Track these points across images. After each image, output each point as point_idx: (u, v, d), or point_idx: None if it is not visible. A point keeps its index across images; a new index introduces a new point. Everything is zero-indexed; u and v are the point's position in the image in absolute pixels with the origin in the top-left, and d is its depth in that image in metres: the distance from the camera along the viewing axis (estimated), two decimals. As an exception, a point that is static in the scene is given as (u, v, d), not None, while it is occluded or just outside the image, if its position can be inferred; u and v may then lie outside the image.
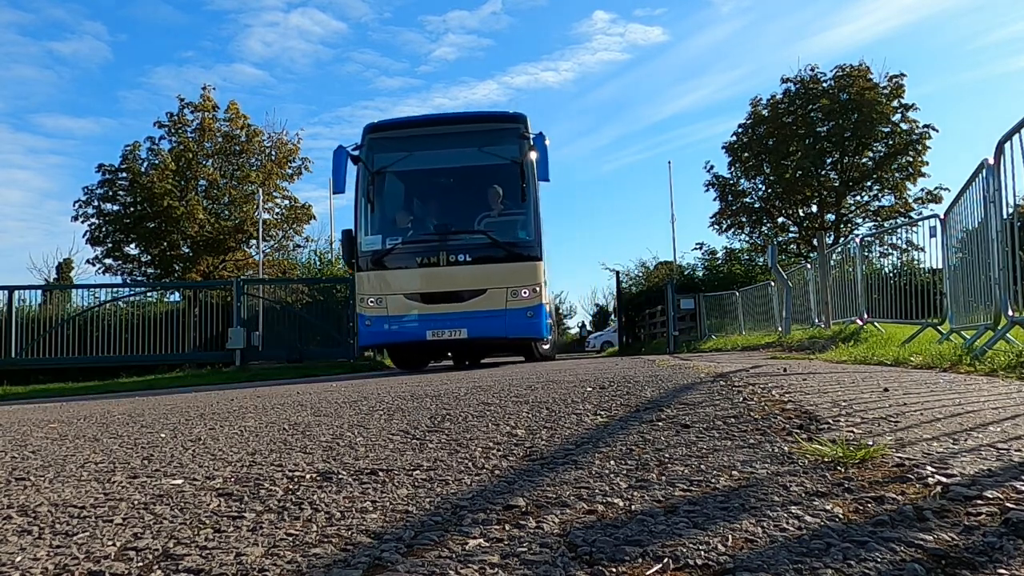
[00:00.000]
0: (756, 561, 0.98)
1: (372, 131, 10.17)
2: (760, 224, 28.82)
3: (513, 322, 9.52)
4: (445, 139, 10.34)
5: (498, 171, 9.83)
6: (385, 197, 10.22)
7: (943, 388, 2.83)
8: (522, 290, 9.55)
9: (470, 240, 9.72)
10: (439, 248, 9.60)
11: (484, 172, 10.13)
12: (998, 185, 4.73)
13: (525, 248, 9.75)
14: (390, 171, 10.11)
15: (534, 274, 9.64)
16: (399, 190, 10.55)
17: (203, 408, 4.03)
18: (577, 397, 3.19)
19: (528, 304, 9.59)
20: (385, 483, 1.63)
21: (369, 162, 9.94)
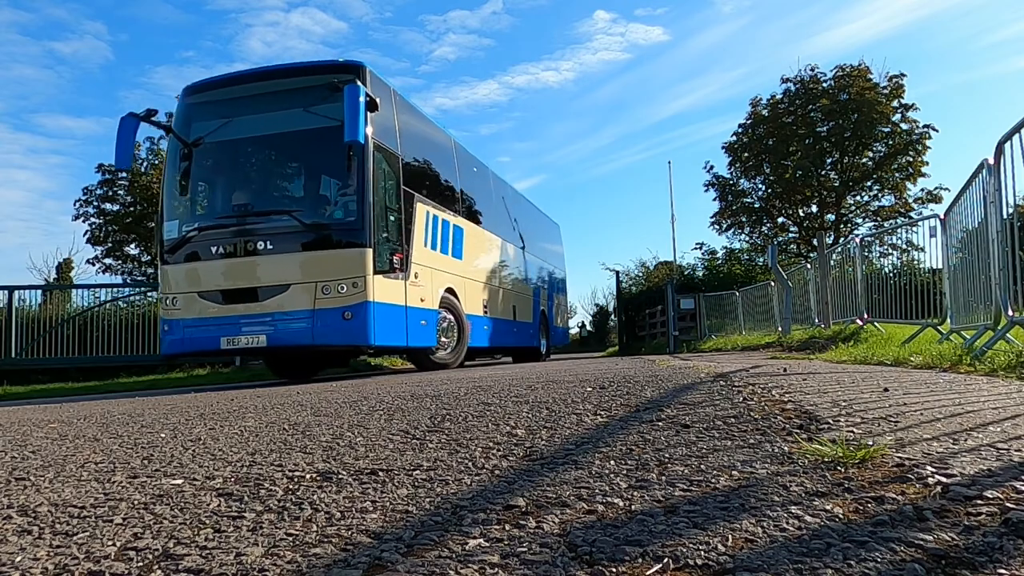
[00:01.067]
0: (756, 561, 0.98)
1: (190, 93, 8.42)
2: (760, 224, 28.84)
3: (324, 326, 7.54)
4: (268, 100, 8.28)
5: (323, 136, 7.84)
6: (195, 174, 8.34)
7: (943, 388, 2.83)
8: (339, 284, 7.56)
9: (273, 223, 7.80)
10: (237, 235, 7.78)
11: (306, 138, 8.18)
12: (998, 185, 4.73)
13: (344, 231, 7.73)
14: (206, 142, 8.21)
15: (357, 264, 7.61)
16: (212, 164, 8.53)
17: (203, 408, 4.03)
18: (577, 397, 3.19)
19: (345, 303, 7.56)
20: (385, 483, 1.63)
21: (184, 132, 8.21)
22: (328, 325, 7.53)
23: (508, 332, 13.21)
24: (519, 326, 14.00)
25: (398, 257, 8.35)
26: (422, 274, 8.98)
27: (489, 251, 12.47)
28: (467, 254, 10.97)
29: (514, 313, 13.58)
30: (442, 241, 9.93)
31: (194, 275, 7.89)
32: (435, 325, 9.35)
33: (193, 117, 8.35)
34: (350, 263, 7.63)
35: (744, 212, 28.69)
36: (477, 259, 11.60)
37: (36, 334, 14.21)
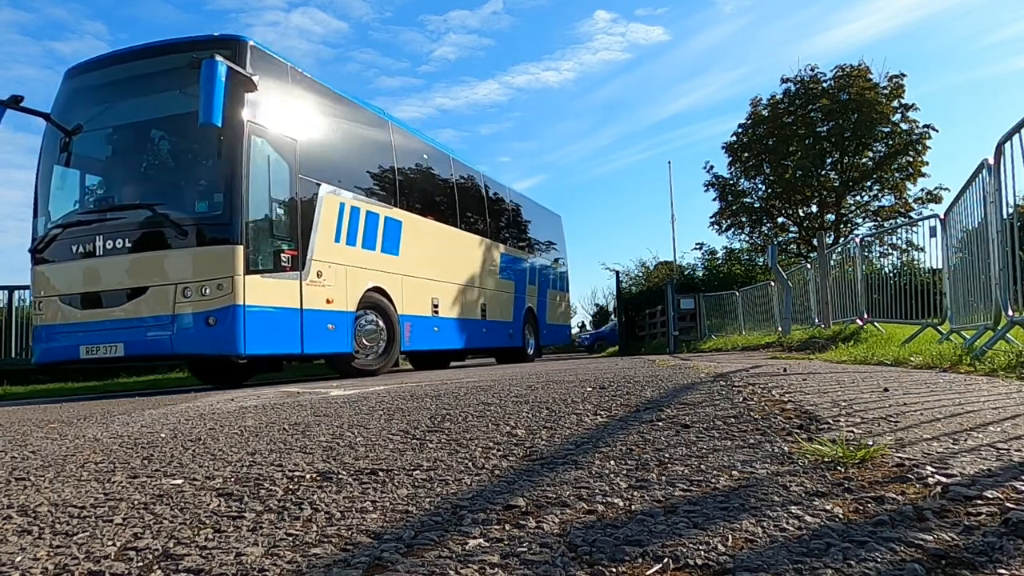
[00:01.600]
0: (756, 561, 0.98)
1: (69, 77, 7.73)
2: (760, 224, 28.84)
3: (185, 333, 6.76)
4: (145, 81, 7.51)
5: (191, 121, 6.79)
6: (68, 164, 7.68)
7: (943, 388, 2.83)
8: (202, 287, 6.76)
9: (134, 219, 7.02)
10: (96, 232, 7.04)
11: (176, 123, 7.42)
12: (998, 185, 4.73)
13: (209, 227, 6.89)
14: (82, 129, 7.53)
15: (222, 263, 6.77)
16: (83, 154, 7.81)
17: (203, 408, 4.03)
18: (577, 397, 3.19)
19: (209, 307, 6.73)
20: (385, 483, 1.63)
21: (63, 118, 7.51)
22: (189, 332, 6.76)
23: (474, 332, 12.30)
24: (492, 325, 13.07)
25: (289, 255, 7.50)
26: (330, 272, 8.16)
27: (443, 245, 11.40)
28: (407, 249, 10.00)
29: (483, 311, 12.63)
30: (366, 235, 9.03)
31: (56, 277, 7.28)
32: (349, 328, 8.48)
33: (71, 103, 7.65)
34: (215, 262, 6.80)
35: (744, 212, 28.69)
36: (423, 254, 10.57)
37: (36, 334, 14.18)
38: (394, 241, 9.75)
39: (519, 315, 14.53)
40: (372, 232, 9.21)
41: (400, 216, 9.93)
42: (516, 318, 14.37)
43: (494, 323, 13.22)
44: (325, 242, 8.15)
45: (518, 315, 14.48)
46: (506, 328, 13.83)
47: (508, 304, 14.01)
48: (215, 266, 6.81)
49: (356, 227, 8.86)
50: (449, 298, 11.35)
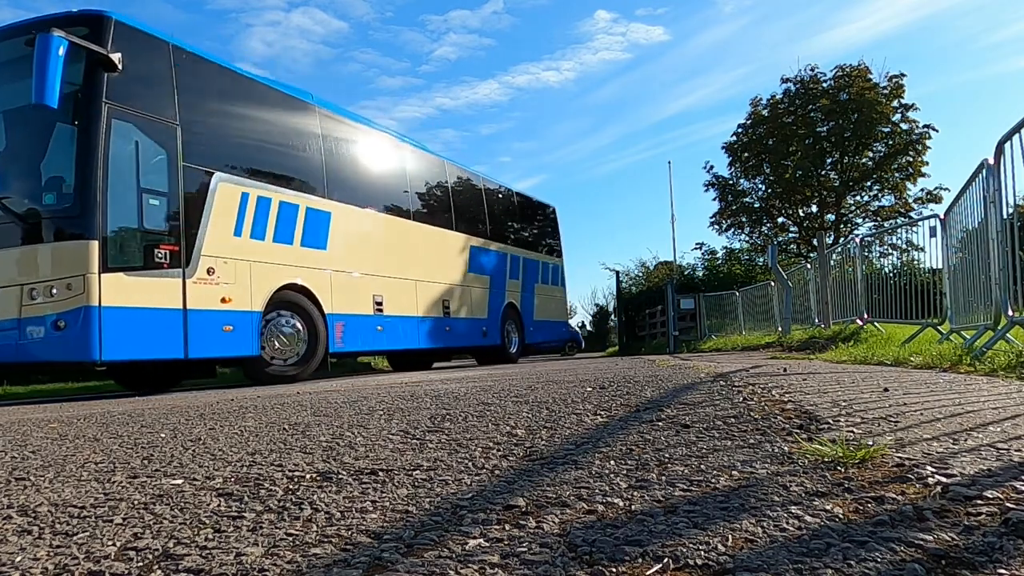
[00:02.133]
0: (756, 561, 0.98)
1: None
2: (760, 224, 28.87)
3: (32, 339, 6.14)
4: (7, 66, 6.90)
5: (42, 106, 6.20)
6: None
7: (943, 388, 2.83)
8: (51, 287, 6.12)
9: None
10: None
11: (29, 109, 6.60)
12: (998, 185, 4.73)
13: (58, 220, 6.26)
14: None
15: (73, 260, 6.13)
16: None
17: (203, 408, 4.03)
18: (577, 397, 3.19)
19: (58, 309, 6.10)
20: (385, 483, 1.63)
21: None
22: (38, 338, 6.11)
23: (436, 330, 11.47)
24: (461, 323, 12.25)
25: (166, 250, 6.86)
26: (227, 269, 7.53)
27: (391, 238, 10.65)
28: (339, 242, 9.30)
29: (446, 308, 11.85)
30: (279, 228, 8.33)
31: None
32: (254, 330, 7.80)
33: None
34: (64, 260, 6.14)
35: (744, 212, 28.71)
36: (362, 248, 9.87)
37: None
38: (320, 234, 9.04)
39: (496, 311, 13.66)
40: (288, 224, 8.49)
41: (328, 207, 9.23)
42: (492, 315, 13.51)
43: (463, 320, 12.41)
44: (220, 236, 7.53)
45: (495, 311, 13.62)
46: (479, 325, 13.01)
47: (482, 300, 13.18)
48: (64, 264, 6.15)
49: (265, 219, 8.16)
50: (399, 295, 10.59)
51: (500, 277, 14.06)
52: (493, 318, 13.54)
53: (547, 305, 16.32)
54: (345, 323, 9.26)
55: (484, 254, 13.56)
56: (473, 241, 13.20)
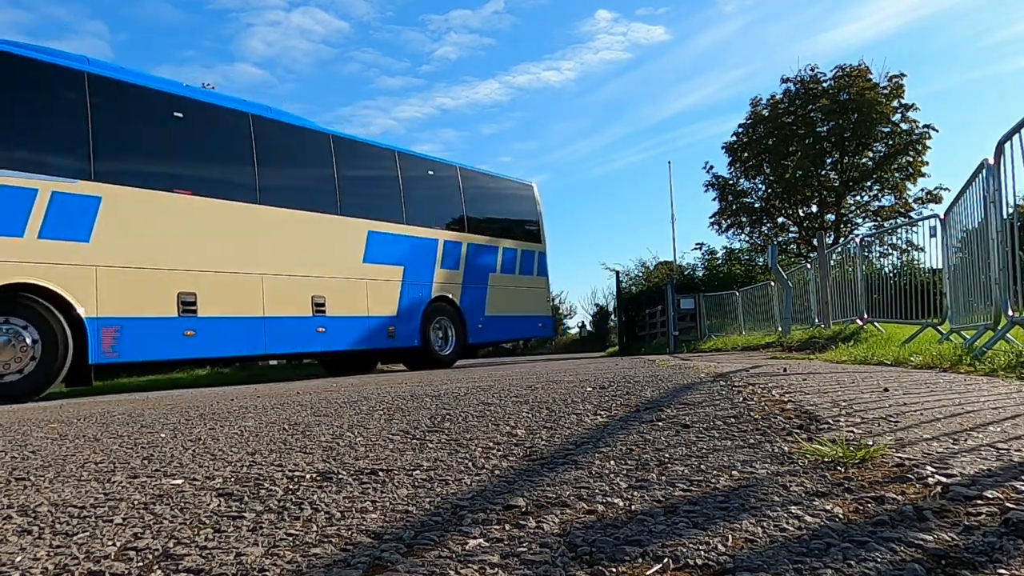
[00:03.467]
0: (756, 561, 0.98)
1: None
2: (760, 224, 28.88)
3: None
4: None
5: None
6: None
7: (943, 388, 2.83)
8: None
9: None
10: None
11: None
12: (998, 185, 4.73)
13: None
14: None
15: None
16: None
17: (203, 408, 4.03)
18: (577, 397, 3.19)
19: None
20: (385, 483, 1.63)
21: None
22: None
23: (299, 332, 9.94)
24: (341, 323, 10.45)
25: None
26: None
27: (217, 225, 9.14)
28: (115, 232, 7.96)
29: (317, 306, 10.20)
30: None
31: None
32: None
33: None
34: None
35: (744, 212, 28.72)
36: (160, 237, 8.49)
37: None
38: (79, 223, 7.70)
39: (414, 307, 11.69)
40: (13, 213, 7.22)
41: (96, 191, 7.85)
42: (407, 311, 11.53)
43: (348, 320, 10.60)
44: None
45: (411, 307, 11.65)
46: (382, 324, 11.14)
47: (388, 294, 11.27)
48: None
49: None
50: (228, 292, 9.10)
51: (422, 267, 11.97)
52: (408, 315, 11.55)
53: (512, 298, 13.86)
54: (121, 328, 7.89)
55: (394, 241, 11.50)
56: (375, 226, 11.20)
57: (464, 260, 12.89)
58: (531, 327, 15.00)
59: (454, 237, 12.78)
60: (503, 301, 13.63)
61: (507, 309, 13.74)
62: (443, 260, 12.44)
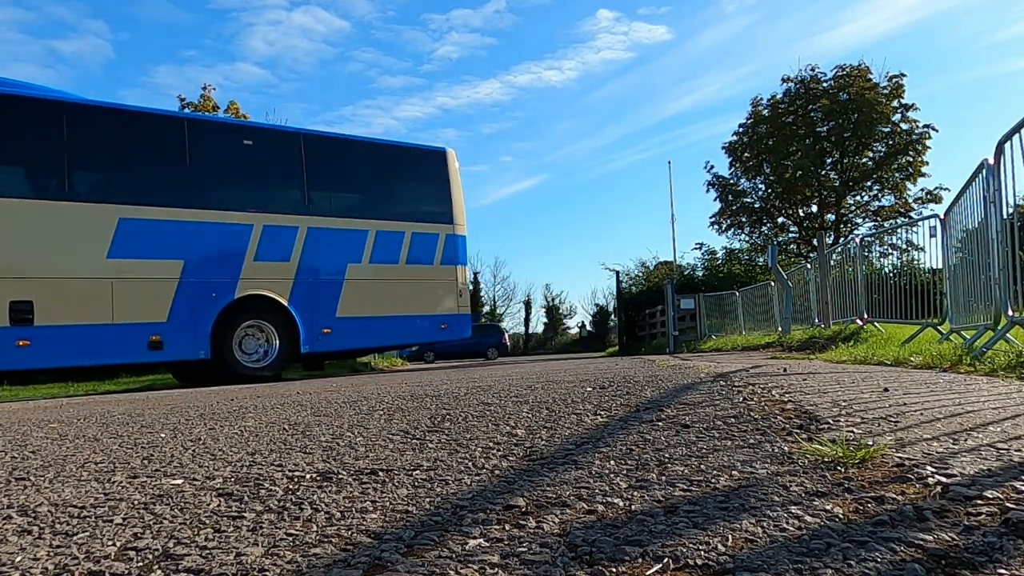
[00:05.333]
0: (756, 561, 0.98)
1: None
2: (760, 224, 28.89)
3: None
4: None
5: None
6: None
7: (943, 388, 2.83)
8: None
9: None
10: None
11: None
12: (998, 185, 4.73)
13: None
14: None
15: None
16: None
17: (203, 408, 4.03)
18: (577, 397, 3.19)
19: None
20: (385, 483, 1.63)
21: None
22: None
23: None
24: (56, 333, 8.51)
25: None
26: None
27: None
28: None
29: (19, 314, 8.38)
30: None
31: None
32: None
33: None
34: None
35: (744, 212, 28.74)
36: None
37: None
38: None
39: (198, 311, 9.55)
40: None
41: None
42: (184, 316, 9.44)
43: (70, 330, 8.65)
44: None
45: (193, 311, 9.52)
46: (139, 333, 9.17)
47: (151, 296, 9.27)
48: None
49: None
50: None
51: (218, 260, 9.73)
52: (188, 320, 9.46)
53: (392, 294, 11.11)
54: None
55: (165, 230, 9.40)
56: (131, 212, 9.17)
57: (300, 249, 10.34)
58: (426, 329, 11.68)
59: (283, 221, 10.26)
60: (373, 298, 10.89)
61: (380, 308, 10.98)
62: (261, 250, 10.02)
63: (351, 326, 10.69)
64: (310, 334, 10.31)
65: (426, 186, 11.94)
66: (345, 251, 10.77)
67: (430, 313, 11.62)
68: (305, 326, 10.26)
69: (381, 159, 11.64)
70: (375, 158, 11.59)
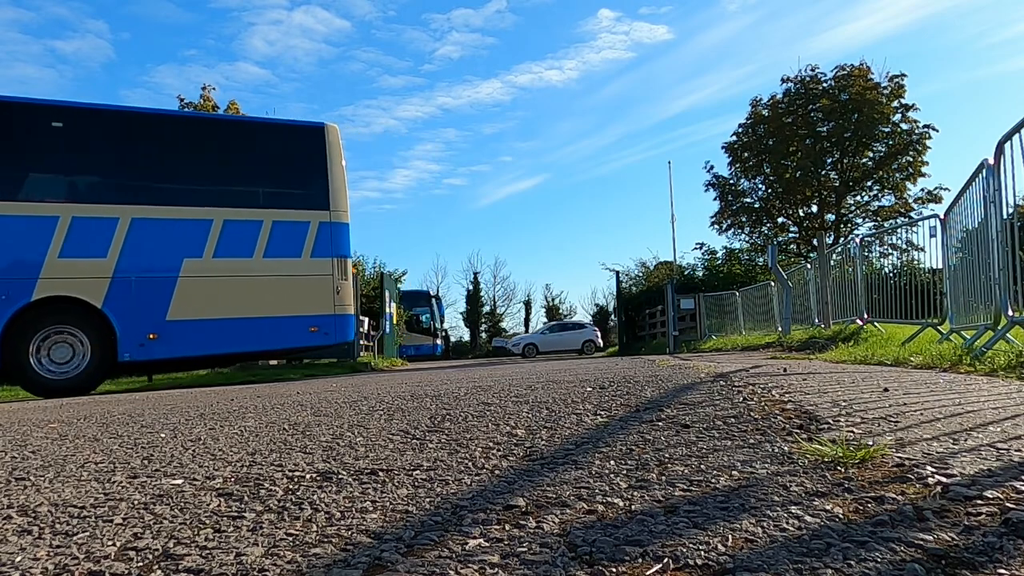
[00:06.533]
0: (756, 561, 0.98)
1: None
2: (760, 224, 28.89)
3: None
4: None
5: None
6: None
7: (943, 388, 2.83)
8: None
9: None
10: None
11: None
12: (998, 185, 4.73)
13: None
14: None
15: None
16: None
17: (203, 408, 4.03)
18: (577, 397, 3.19)
19: None
20: (385, 483, 1.63)
21: None
22: None
23: None
24: None
25: None
26: None
27: None
28: None
29: None
30: None
31: None
32: None
33: None
34: None
35: (744, 212, 28.74)
36: None
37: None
38: None
39: None
40: None
41: None
42: None
43: None
44: None
45: None
46: None
47: None
48: None
49: None
50: None
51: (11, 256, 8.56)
52: None
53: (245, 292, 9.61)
54: None
55: None
56: None
57: (121, 243, 8.97)
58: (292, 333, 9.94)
59: (99, 212, 8.97)
60: (218, 298, 9.43)
61: (228, 310, 9.50)
62: (69, 245, 8.71)
63: (187, 331, 9.20)
64: (131, 340, 8.84)
65: (295, 168, 10.27)
66: (181, 244, 9.29)
67: (297, 314, 9.89)
68: (124, 331, 8.81)
69: (234, 139, 10.20)
70: (225, 138, 10.20)
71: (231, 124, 10.50)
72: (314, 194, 10.11)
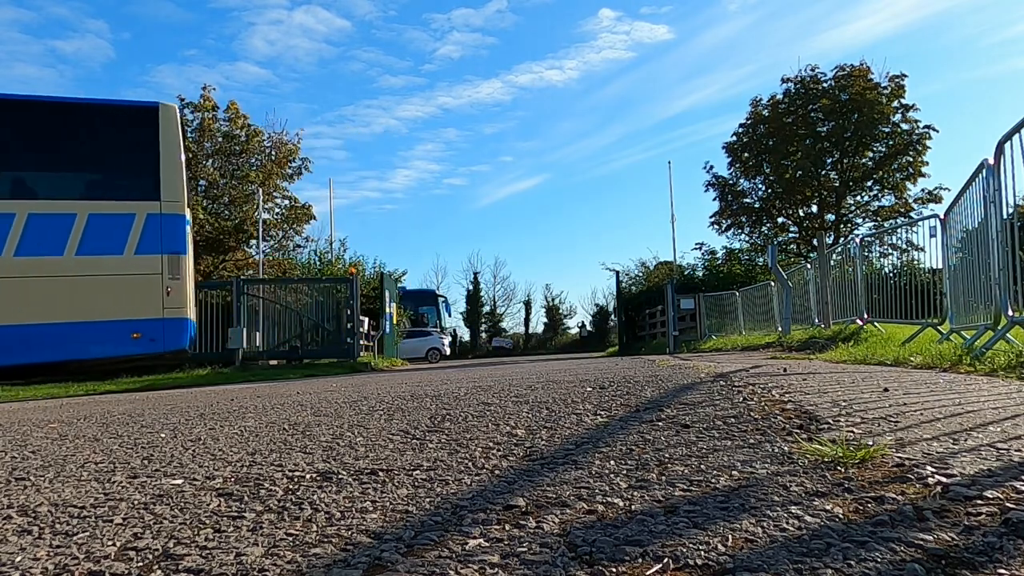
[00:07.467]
0: (756, 561, 0.98)
1: None
2: (760, 224, 28.87)
3: None
4: None
5: None
6: None
7: (943, 388, 2.83)
8: None
9: None
10: None
11: None
12: (998, 185, 4.73)
13: None
14: None
15: None
16: None
17: (203, 408, 4.03)
18: (577, 397, 3.19)
19: None
20: (385, 483, 1.63)
21: None
22: None
23: None
24: None
25: None
26: None
27: None
28: None
29: None
30: None
31: None
32: None
33: None
34: None
35: (744, 212, 28.71)
36: None
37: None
38: None
39: None
40: None
41: None
42: None
43: None
44: None
45: None
46: None
47: None
48: None
49: None
50: None
51: None
52: None
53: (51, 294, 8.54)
54: None
55: None
56: None
57: None
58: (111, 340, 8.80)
59: None
60: (18, 302, 8.38)
61: (30, 315, 8.37)
62: None
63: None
64: None
65: (120, 154, 9.10)
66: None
67: (114, 319, 8.71)
68: None
69: (45, 122, 8.90)
70: (34, 121, 8.90)
71: (41, 105, 9.02)
72: (142, 183, 8.90)
